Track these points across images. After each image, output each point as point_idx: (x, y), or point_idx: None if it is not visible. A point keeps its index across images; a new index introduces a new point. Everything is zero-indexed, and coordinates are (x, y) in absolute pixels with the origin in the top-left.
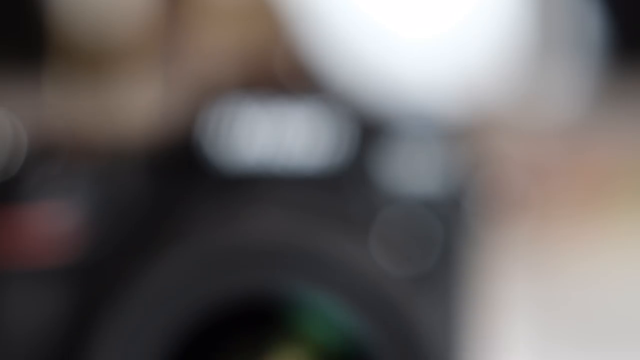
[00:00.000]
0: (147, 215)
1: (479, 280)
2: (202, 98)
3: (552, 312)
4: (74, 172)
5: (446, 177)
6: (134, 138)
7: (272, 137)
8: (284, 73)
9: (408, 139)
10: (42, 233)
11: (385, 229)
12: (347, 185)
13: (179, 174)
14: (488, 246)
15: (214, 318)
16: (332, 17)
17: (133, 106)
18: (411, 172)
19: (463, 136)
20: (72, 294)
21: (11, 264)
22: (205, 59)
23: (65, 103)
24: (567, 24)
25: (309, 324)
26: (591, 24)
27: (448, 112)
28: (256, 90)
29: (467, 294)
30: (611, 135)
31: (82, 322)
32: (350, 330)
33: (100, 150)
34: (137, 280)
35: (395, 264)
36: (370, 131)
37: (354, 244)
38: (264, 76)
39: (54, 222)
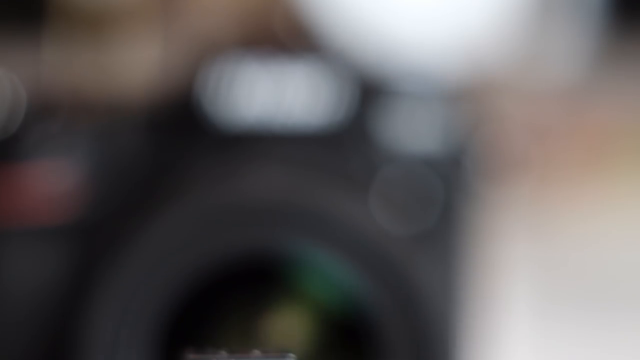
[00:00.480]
0: (147, 173)
1: (479, 239)
2: (202, 56)
3: (552, 273)
4: (74, 130)
5: (446, 136)
6: (133, 96)
7: (272, 94)
8: (283, 31)
9: (408, 97)
10: (42, 191)
11: (385, 187)
12: (347, 143)
13: (178, 131)
14: (488, 205)
15: (213, 276)
16: None
17: (133, 64)
18: (411, 131)
19: (463, 95)
20: (72, 252)
21: (11, 222)
22: (205, 17)
23: (65, 61)
24: None
25: (309, 281)
26: None
27: (448, 71)
28: (256, 48)
29: (467, 253)
30: (611, 96)
31: (82, 280)
32: (350, 288)
33: (100, 109)
34: (137, 238)
35: (396, 222)
36: (370, 89)
37: (354, 201)
38: (263, 34)
39: (53, 180)
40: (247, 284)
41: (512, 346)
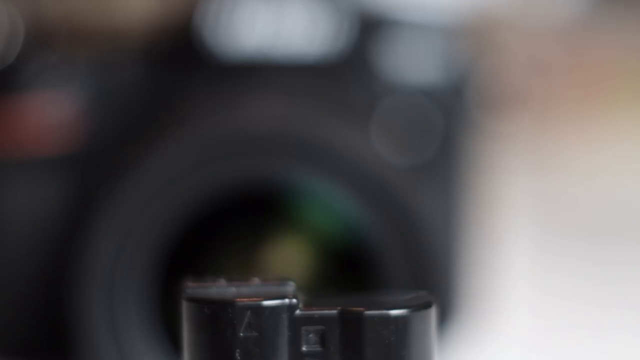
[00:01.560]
0: (146, 103)
1: (479, 171)
2: None
3: (551, 207)
4: (72, 60)
5: (447, 67)
6: (132, 26)
7: (272, 24)
8: None
9: (409, 28)
10: (40, 122)
11: (385, 117)
12: (348, 73)
13: (178, 62)
14: (489, 137)
15: (213, 206)
16: None
17: None
18: (412, 62)
19: (465, 27)
20: (72, 182)
21: (10, 153)
22: None
23: None
24: None
25: (310, 211)
26: None
27: (450, 2)
28: None
29: (467, 184)
30: (612, 33)
31: (81, 210)
32: (350, 218)
33: (98, 39)
34: (136, 168)
35: (396, 153)
36: (371, 19)
37: (354, 131)
38: None
39: (52, 111)
40: (247, 214)
41: (511, 277)
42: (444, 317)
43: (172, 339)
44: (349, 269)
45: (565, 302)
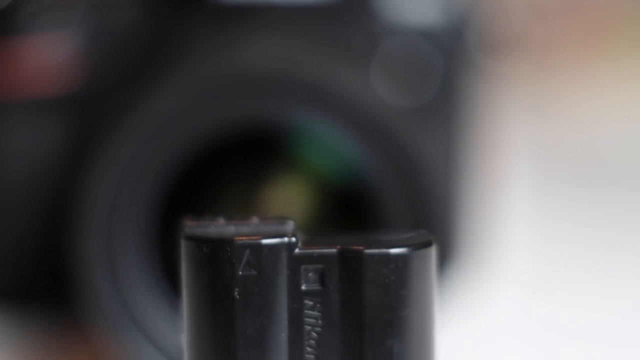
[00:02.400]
0: (145, 43)
1: (480, 114)
2: None
3: (551, 153)
4: (70, 2)
5: (448, 9)
6: None
7: None
8: None
9: None
10: (38, 64)
11: (386, 58)
12: (348, 14)
13: (177, 2)
14: (489, 79)
15: (212, 147)
16: None
17: None
18: (412, 3)
19: None
20: (70, 124)
21: (8, 95)
22: None
23: None
24: None
25: (310, 152)
26: None
27: None
28: None
29: (468, 126)
30: None
31: (80, 151)
32: (350, 159)
33: None
34: (135, 108)
35: (396, 94)
36: None
37: (355, 72)
38: None
39: (49, 53)
40: (247, 155)
41: (511, 221)
42: (444, 260)
43: (171, 280)
44: (348, 210)
45: (564, 246)
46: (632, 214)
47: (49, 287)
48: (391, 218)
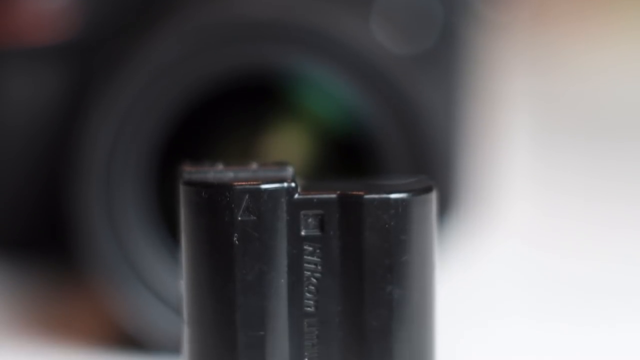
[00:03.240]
0: None
1: (480, 62)
2: None
3: (551, 103)
4: None
5: None
6: None
7: None
8: None
9: None
10: (37, 11)
11: (386, 5)
12: None
13: None
14: (489, 29)
15: (212, 93)
16: None
17: None
18: None
19: None
20: (69, 70)
21: (7, 42)
22: None
23: None
24: None
25: (310, 99)
26: None
27: None
28: None
29: (468, 75)
30: None
31: (79, 97)
32: (350, 106)
33: None
34: (134, 55)
35: (396, 41)
36: None
37: (355, 19)
38: None
39: (48, 1)
40: (247, 102)
41: (510, 171)
42: (444, 209)
43: (171, 228)
44: (349, 157)
45: (564, 196)
46: (631, 164)
47: (48, 237)
48: (391, 166)
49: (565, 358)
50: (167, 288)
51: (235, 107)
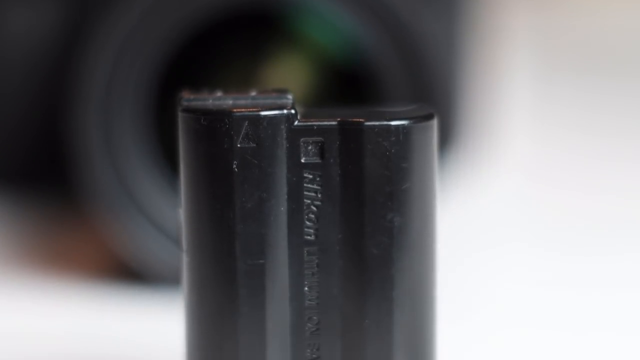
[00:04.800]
0: None
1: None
2: None
3: (552, 39)
4: None
5: None
6: None
7: None
8: None
9: None
10: None
11: None
12: None
13: None
14: None
15: (211, 22)
16: None
17: None
18: None
19: None
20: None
21: None
22: None
23: None
24: None
25: (311, 28)
26: None
27: None
28: None
29: (470, 8)
30: None
31: (78, 27)
32: (352, 35)
33: None
34: None
35: None
36: None
37: None
38: None
39: None
40: (248, 31)
41: (511, 106)
42: (445, 140)
43: (169, 155)
44: (350, 87)
45: (564, 131)
46: (630, 99)
47: (48, 169)
48: (392, 95)
49: (565, 287)
50: (167, 218)
51: (236, 36)
